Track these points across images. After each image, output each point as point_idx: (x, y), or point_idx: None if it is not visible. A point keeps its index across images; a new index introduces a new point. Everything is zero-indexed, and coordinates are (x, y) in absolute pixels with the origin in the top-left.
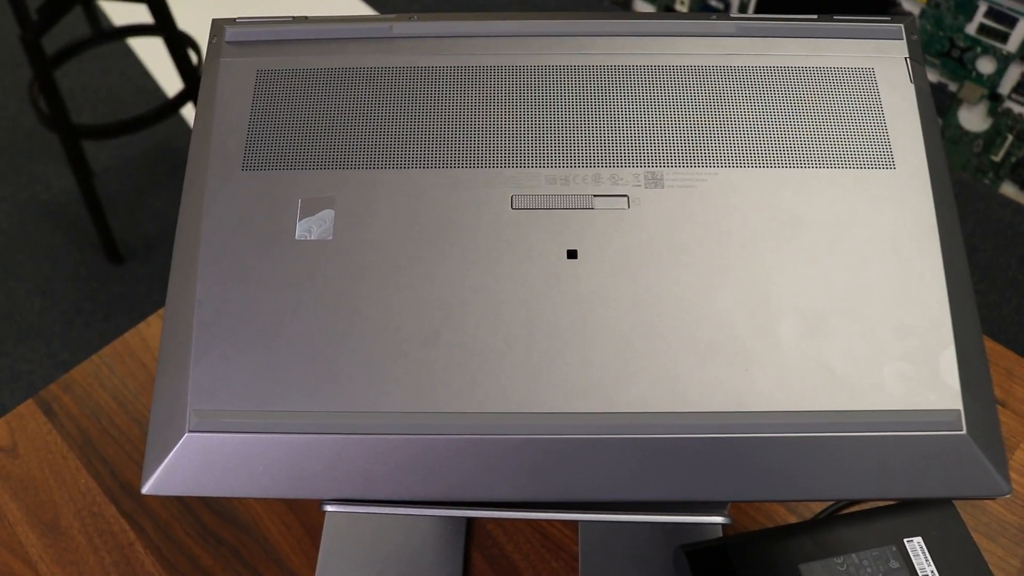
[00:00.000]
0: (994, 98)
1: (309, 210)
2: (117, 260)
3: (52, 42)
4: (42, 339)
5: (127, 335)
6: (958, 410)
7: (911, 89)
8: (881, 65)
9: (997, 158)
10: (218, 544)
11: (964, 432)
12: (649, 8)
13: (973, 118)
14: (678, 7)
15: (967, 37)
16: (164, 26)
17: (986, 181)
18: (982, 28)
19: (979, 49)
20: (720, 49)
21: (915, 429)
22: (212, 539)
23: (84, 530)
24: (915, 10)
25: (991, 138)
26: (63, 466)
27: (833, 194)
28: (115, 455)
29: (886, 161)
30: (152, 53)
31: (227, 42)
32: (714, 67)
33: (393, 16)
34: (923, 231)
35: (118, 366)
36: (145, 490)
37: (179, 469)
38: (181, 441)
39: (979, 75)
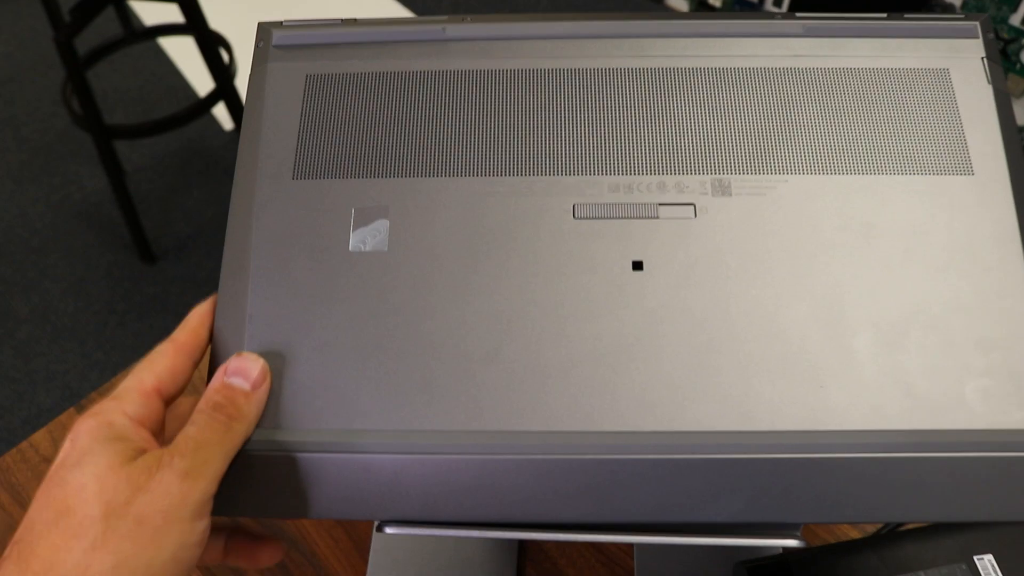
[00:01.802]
0: None
1: (363, 220)
2: (150, 260)
3: (84, 43)
4: (76, 339)
5: None
6: None
7: (989, 91)
8: (957, 66)
9: None
10: None
11: None
12: (682, 2)
13: (1017, 112)
14: (711, 1)
15: (1011, 28)
16: (195, 25)
17: None
18: None
19: None
20: (787, 51)
21: (1000, 450)
22: None
23: None
24: (957, 0)
25: None
26: None
27: (908, 201)
28: None
29: (964, 166)
30: (183, 52)
31: (274, 46)
32: (781, 69)
33: (445, 18)
34: (1004, 239)
35: None
36: None
37: (231, 491)
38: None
39: (1023, 67)
